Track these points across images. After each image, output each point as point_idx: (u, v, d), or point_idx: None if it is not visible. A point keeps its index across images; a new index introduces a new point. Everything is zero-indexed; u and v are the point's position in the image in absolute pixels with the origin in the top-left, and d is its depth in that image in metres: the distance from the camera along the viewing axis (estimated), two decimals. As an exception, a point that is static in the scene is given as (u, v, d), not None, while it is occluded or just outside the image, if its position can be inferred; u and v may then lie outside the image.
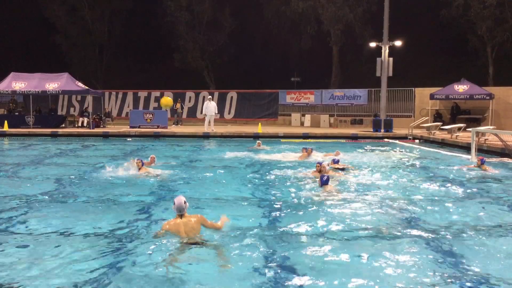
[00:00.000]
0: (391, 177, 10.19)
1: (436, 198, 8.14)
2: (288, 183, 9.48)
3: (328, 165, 10.39)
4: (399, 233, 6.06)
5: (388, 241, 5.75)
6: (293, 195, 8.32)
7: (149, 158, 11.36)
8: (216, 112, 22.78)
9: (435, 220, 6.72)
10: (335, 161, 11.06)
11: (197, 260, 4.95)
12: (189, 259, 4.95)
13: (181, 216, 5.35)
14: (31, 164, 12.16)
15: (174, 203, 5.39)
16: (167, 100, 11.97)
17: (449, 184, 9.43)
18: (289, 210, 7.28)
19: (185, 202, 5.36)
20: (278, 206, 7.54)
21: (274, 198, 8.19)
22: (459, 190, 8.87)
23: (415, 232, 6.12)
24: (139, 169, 10.11)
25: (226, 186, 9.27)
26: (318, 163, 10.20)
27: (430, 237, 5.88)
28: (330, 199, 7.86)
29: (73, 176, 10.20)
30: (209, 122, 21.60)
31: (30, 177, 10.22)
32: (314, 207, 7.36)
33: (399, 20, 26.10)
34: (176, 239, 5.27)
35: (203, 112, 22.38)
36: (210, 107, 21.81)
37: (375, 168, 11.28)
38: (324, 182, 8.46)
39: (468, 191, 8.85)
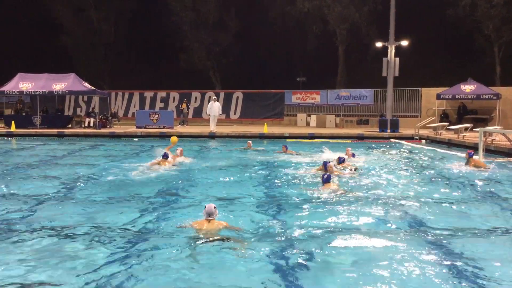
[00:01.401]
0: (395, 177, 10.16)
1: (439, 198, 8.10)
2: (289, 182, 9.57)
3: (334, 166, 10.37)
4: (399, 233, 6.06)
5: (388, 240, 5.73)
6: (294, 193, 8.40)
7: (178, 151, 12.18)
8: (220, 112, 22.81)
9: (436, 220, 6.69)
10: (341, 160, 11.06)
11: (213, 256, 5.10)
12: (206, 254, 5.14)
13: (209, 221, 5.66)
14: (39, 164, 12.21)
15: (205, 207, 5.73)
16: (173, 139, 12.61)
17: (453, 185, 9.39)
18: (289, 208, 7.34)
19: (215, 208, 5.71)
20: (279, 204, 7.60)
21: (274, 196, 8.25)
22: (462, 191, 8.85)
23: (415, 231, 6.12)
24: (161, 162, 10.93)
25: (227, 185, 9.30)
26: (324, 162, 10.25)
27: (430, 237, 5.87)
28: (332, 197, 7.89)
29: (82, 175, 10.28)
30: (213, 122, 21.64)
31: (38, 177, 10.27)
32: (315, 205, 7.41)
33: (405, 20, 26.00)
34: (197, 235, 5.58)
35: (208, 113, 22.45)
36: (214, 107, 21.85)
37: (380, 169, 11.24)
38: (325, 180, 8.46)
39: (470, 191, 8.85)
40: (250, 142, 15.67)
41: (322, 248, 5.40)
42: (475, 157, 11.49)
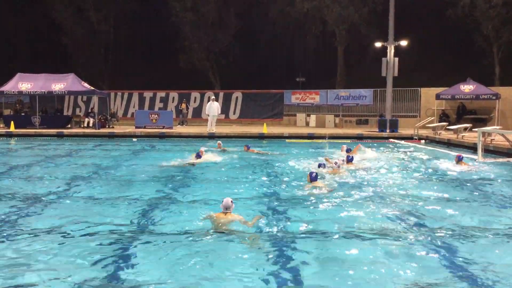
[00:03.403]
0: (393, 177, 10.15)
1: (436, 198, 8.10)
2: (277, 181, 9.69)
3: (339, 166, 10.33)
4: (394, 232, 6.07)
5: (385, 239, 5.74)
6: (281, 193, 8.50)
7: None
8: (219, 112, 22.78)
9: (432, 220, 6.68)
10: (350, 159, 11.17)
11: (224, 246, 5.42)
12: (219, 245, 5.47)
13: (225, 213, 6.03)
14: (38, 165, 12.21)
15: (222, 202, 6.10)
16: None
17: (451, 185, 9.41)
18: (276, 207, 7.40)
19: (231, 202, 6.07)
20: (272, 203, 7.68)
21: (261, 196, 8.31)
22: (460, 191, 8.87)
23: (411, 231, 6.11)
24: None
25: (217, 185, 9.31)
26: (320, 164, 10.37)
27: (425, 236, 5.87)
28: (318, 196, 7.93)
29: (81, 175, 10.28)
30: (212, 122, 21.62)
31: (39, 177, 10.25)
32: (300, 204, 7.48)
33: (404, 20, 26.03)
34: (214, 227, 5.95)
35: (206, 112, 22.45)
36: (213, 107, 21.84)
37: (378, 168, 11.22)
38: (313, 179, 8.47)
39: (467, 190, 8.88)
40: (220, 142, 15.75)
41: (317, 246, 5.44)
42: (464, 160, 11.66)
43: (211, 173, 10.74)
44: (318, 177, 8.72)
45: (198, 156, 12.20)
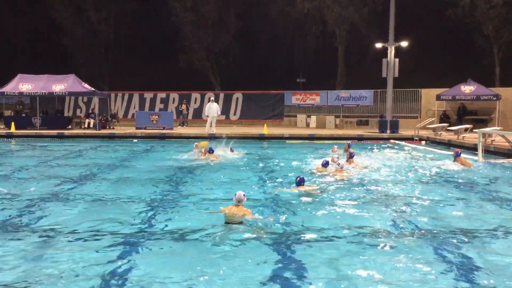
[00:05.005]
0: (393, 178, 10.16)
1: (436, 199, 8.09)
2: (268, 183, 9.69)
3: (342, 167, 10.30)
4: (392, 232, 6.08)
5: (382, 240, 5.72)
6: (270, 194, 8.48)
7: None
8: (219, 113, 22.79)
9: (431, 221, 6.68)
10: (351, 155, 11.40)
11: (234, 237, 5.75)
12: (230, 235, 5.83)
13: (237, 206, 6.32)
14: (41, 166, 12.19)
15: (235, 195, 6.39)
16: (203, 144, 13.53)
17: (451, 186, 9.40)
18: (264, 210, 7.37)
19: (244, 196, 6.37)
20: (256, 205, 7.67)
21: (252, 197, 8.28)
22: (459, 191, 8.86)
23: (409, 231, 6.12)
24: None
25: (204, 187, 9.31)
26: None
27: (423, 236, 5.87)
28: (308, 199, 7.92)
29: (82, 176, 10.28)
30: (211, 123, 21.63)
31: (40, 178, 10.22)
32: (288, 206, 7.46)
33: (405, 21, 26.03)
34: (225, 218, 6.31)
35: (206, 113, 22.47)
36: (212, 108, 21.85)
37: (378, 169, 11.24)
38: (298, 183, 8.39)
39: (467, 191, 8.87)
40: (197, 143, 15.81)
41: (314, 247, 5.45)
42: (462, 155, 11.86)
43: (209, 173, 10.77)
44: (316, 176, 8.72)
45: (211, 151, 12.64)
